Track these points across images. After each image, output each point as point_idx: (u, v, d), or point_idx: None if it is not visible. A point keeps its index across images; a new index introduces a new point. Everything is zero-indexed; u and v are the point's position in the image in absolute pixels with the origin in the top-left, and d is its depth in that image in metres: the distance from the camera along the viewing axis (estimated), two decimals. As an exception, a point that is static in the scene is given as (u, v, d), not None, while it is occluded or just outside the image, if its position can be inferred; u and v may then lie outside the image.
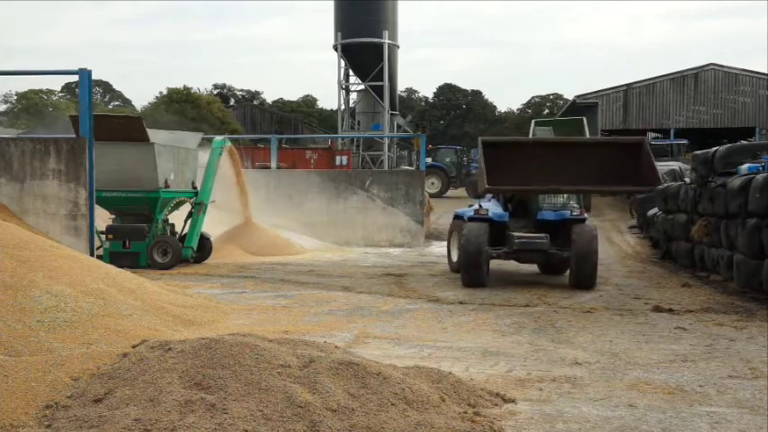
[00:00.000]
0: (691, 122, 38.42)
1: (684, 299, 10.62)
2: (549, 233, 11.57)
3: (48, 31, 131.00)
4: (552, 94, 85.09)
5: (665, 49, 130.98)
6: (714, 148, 12.68)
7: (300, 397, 4.41)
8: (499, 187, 11.42)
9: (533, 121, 18.92)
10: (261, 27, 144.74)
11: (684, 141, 32.20)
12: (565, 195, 12.43)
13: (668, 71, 39.57)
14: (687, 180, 14.60)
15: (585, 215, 12.01)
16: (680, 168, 19.77)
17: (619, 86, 39.63)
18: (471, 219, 11.85)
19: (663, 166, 20.01)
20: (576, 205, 12.36)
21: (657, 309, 9.63)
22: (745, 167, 11.05)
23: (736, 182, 10.77)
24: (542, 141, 12.85)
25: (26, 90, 55.56)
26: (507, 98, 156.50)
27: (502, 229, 11.93)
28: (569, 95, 51.64)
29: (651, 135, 34.50)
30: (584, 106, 40.50)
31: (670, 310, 9.51)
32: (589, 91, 40.26)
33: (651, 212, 17.72)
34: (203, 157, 16.37)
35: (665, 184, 15.55)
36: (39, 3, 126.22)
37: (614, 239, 20.49)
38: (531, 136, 16.05)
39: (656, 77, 39.52)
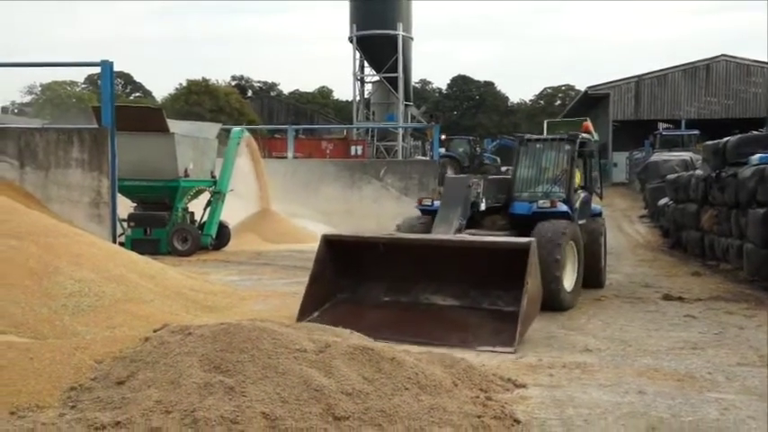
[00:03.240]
0: (702, 113, 38.20)
1: (694, 287, 10.66)
2: (522, 230, 8.91)
3: (70, 24, 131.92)
4: (564, 86, 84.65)
5: (677, 41, 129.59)
6: (725, 139, 12.66)
7: (316, 381, 4.49)
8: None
9: (546, 122, 18.91)
10: (278, 20, 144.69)
11: (696, 132, 32.01)
12: (546, 180, 10.07)
13: (680, 62, 39.35)
14: (698, 170, 14.59)
15: (561, 207, 9.34)
16: (691, 159, 19.72)
17: (630, 77, 39.45)
18: (421, 209, 9.74)
19: (674, 157, 19.97)
20: (560, 191, 9.80)
21: (667, 297, 9.68)
22: (756, 158, 11.04)
23: (746, 172, 10.78)
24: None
25: (50, 81, 56.12)
26: (519, 89, 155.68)
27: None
28: (581, 87, 51.40)
29: (662, 126, 34.33)
30: (596, 97, 40.33)
31: (680, 299, 9.56)
32: (601, 82, 40.05)
33: (662, 202, 17.75)
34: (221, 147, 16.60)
35: (676, 174, 15.57)
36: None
37: (625, 228, 20.49)
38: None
39: (667, 68, 39.32)
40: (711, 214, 12.35)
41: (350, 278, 8.03)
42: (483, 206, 9.15)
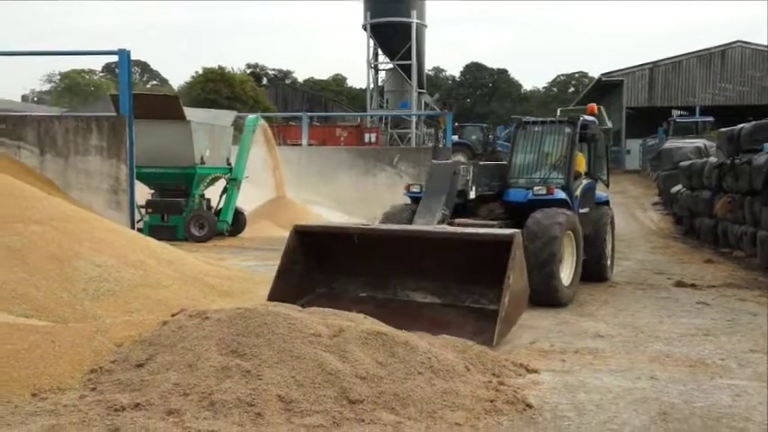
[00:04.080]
0: (717, 100, 37.82)
1: (707, 274, 10.64)
2: (519, 220, 8.47)
3: (87, 13, 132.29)
4: (578, 73, 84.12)
5: (692, 27, 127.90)
6: (740, 126, 12.59)
7: (331, 365, 4.55)
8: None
9: (559, 110, 18.81)
10: (293, 7, 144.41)
11: (710, 119, 31.70)
12: (545, 165, 9.48)
13: (695, 49, 38.97)
14: (712, 158, 14.51)
15: (558, 194, 8.81)
16: (705, 146, 19.63)
17: (644, 64, 39.12)
18: (410, 196, 9.12)
19: (688, 144, 19.85)
20: (559, 177, 9.26)
21: (680, 284, 9.67)
22: (770, 145, 11.00)
23: (761, 159, 10.72)
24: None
25: (68, 70, 56.33)
26: (533, 77, 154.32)
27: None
28: (595, 74, 51.01)
29: (676, 112, 34.02)
30: (610, 84, 40.01)
31: (692, 285, 9.55)
32: (615, 69, 39.75)
33: (675, 189, 17.69)
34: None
35: (690, 161, 15.50)
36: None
37: (638, 216, 20.43)
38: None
39: (682, 55, 38.94)
40: (725, 201, 12.32)
41: (324, 272, 7.45)
42: (473, 194, 8.60)
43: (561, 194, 8.84)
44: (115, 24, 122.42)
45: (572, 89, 79.73)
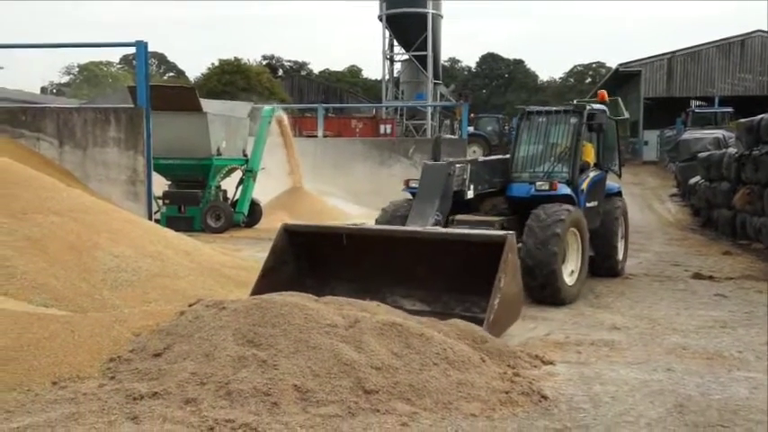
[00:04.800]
0: (736, 90, 37.32)
1: (725, 266, 10.56)
2: (523, 215, 8.20)
3: (105, 5, 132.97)
4: (595, 63, 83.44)
5: (711, 16, 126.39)
6: (760, 116, 12.44)
7: (346, 355, 4.57)
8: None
9: (575, 101, 18.67)
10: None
11: (729, 109, 31.31)
12: (549, 158, 9.13)
13: (714, 38, 38.49)
14: (731, 149, 14.38)
15: (562, 189, 8.46)
16: (724, 137, 19.44)
17: (663, 54, 38.68)
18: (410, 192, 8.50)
19: (707, 135, 19.65)
20: (563, 171, 8.92)
21: (697, 276, 9.61)
22: (791, 136, 10.88)
23: (781, 150, 10.63)
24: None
25: (87, 62, 56.78)
26: (549, 67, 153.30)
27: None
28: (612, 64, 50.55)
29: (695, 103, 33.64)
30: (627, 74, 39.65)
31: (710, 278, 9.48)
32: (632, 59, 39.39)
33: (693, 180, 17.56)
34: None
35: (708, 152, 15.35)
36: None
37: (655, 207, 20.31)
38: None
39: (701, 45, 38.45)
40: (744, 193, 12.22)
41: (315, 276, 7.06)
42: (470, 194, 8.18)
43: (565, 190, 8.49)
44: (132, 17, 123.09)
45: (589, 80, 79.15)
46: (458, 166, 7.98)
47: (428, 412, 4.22)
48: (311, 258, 7.11)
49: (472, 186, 8.20)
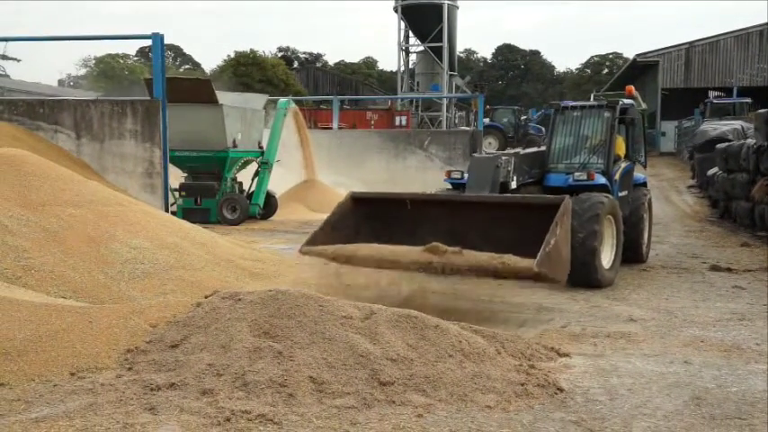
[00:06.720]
0: (755, 80, 36.87)
1: (743, 258, 10.46)
2: None
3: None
4: (612, 53, 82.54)
5: (730, 6, 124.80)
6: (779, 107, 12.33)
7: (362, 347, 4.59)
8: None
9: (593, 94, 18.52)
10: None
11: (748, 100, 30.94)
12: (585, 150, 9.65)
13: (732, 28, 38.06)
14: (750, 139, 14.22)
15: (599, 179, 8.94)
16: (742, 127, 19.18)
17: (681, 44, 38.30)
18: (451, 182, 9.16)
19: (725, 125, 19.43)
20: (599, 162, 9.37)
21: (715, 268, 9.53)
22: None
23: (802, 141, 10.50)
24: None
25: (103, 54, 57.03)
26: (566, 58, 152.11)
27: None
28: (629, 54, 50.09)
29: (713, 94, 33.30)
30: (645, 65, 39.31)
31: (728, 270, 9.40)
32: (650, 49, 39.02)
33: (711, 172, 17.40)
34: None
35: (726, 143, 15.19)
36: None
37: (673, 199, 20.16)
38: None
39: (719, 35, 38.04)
40: (763, 184, 12.09)
41: (373, 238, 7.34)
42: (514, 184, 8.66)
43: (602, 179, 8.98)
44: (148, 9, 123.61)
45: (606, 70, 78.45)
46: (503, 158, 8.54)
47: (443, 404, 4.22)
48: (373, 222, 7.52)
49: (515, 177, 8.67)
